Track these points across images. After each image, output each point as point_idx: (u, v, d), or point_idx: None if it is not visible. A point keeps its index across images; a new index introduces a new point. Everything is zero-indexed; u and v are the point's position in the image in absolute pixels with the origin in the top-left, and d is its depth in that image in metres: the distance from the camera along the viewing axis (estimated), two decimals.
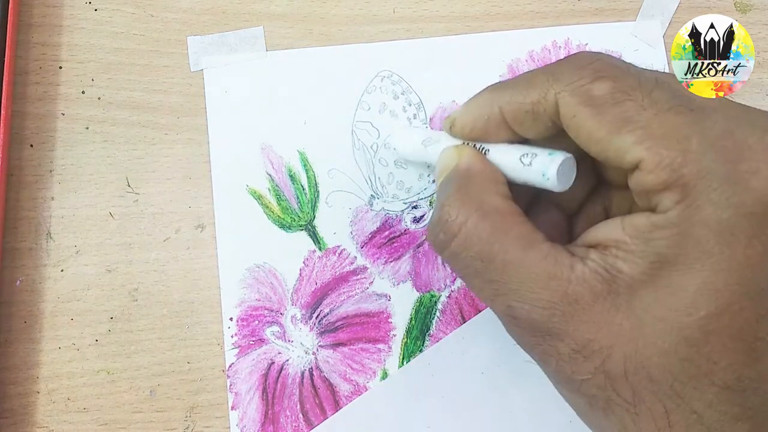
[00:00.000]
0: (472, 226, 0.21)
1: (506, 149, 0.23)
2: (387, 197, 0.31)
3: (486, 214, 0.21)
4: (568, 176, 0.22)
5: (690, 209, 0.18)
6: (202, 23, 0.32)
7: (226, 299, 0.30)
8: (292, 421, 0.29)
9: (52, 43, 0.32)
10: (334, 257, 0.31)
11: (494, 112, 0.23)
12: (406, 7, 0.33)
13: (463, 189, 0.22)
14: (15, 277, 0.30)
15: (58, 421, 0.29)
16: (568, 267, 0.20)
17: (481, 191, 0.22)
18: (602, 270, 0.19)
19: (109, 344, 0.30)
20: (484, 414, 0.30)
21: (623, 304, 0.19)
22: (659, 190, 0.19)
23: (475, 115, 0.24)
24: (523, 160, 0.22)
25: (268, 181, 0.31)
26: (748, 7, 0.33)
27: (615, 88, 0.20)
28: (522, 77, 0.23)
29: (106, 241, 0.31)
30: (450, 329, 0.30)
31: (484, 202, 0.22)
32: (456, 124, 0.24)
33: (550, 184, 0.22)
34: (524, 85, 0.22)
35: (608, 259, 0.19)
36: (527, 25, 0.33)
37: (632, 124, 0.19)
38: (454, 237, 0.21)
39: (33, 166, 0.31)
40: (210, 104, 0.32)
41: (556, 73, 0.21)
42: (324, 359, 0.30)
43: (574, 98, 0.20)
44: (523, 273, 0.20)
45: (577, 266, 0.20)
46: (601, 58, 0.21)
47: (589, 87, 0.20)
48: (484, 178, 0.23)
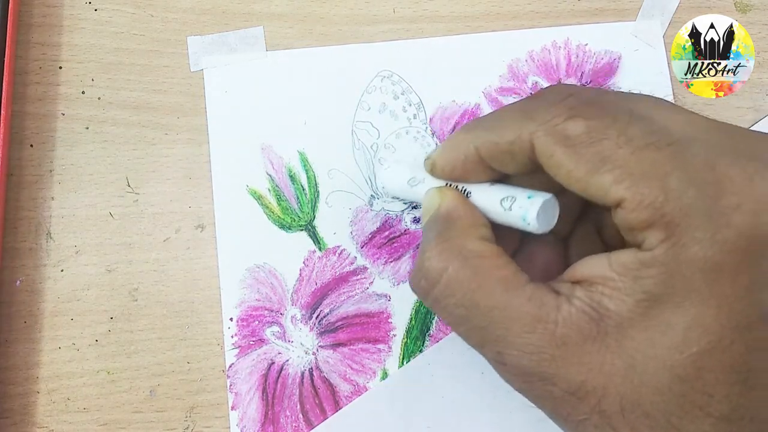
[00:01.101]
0: (453, 272, 0.21)
1: (487, 191, 0.23)
2: (387, 197, 0.31)
3: (466, 260, 0.21)
4: (550, 217, 0.22)
5: (676, 248, 0.18)
6: (202, 23, 0.32)
7: (226, 299, 0.30)
8: (292, 421, 0.29)
9: (52, 43, 0.32)
10: (334, 257, 0.31)
11: (471, 152, 0.23)
12: (406, 7, 0.33)
13: (444, 234, 0.22)
14: (15, 277, 0.30)
15: (58, 421, 0.29)
16: (554, 308, 0.19)
17: (461, 236, 0.22)
18: (589, 309, 0.19)
19: (109, 344, 0.30)
20: (484, 414, 0.30)
21: (613, 343, 0.19)
22: (643, 228, 0.19)
23: (453, 156, 0.23)
24: (503, 204, 0.22)
25: (268, 181, 0.31)
26: (748, 7, 0.33)
27: (589, 127, 0.20)
28: (495, 115, 0.23)
29: (106, 241, 0.31)
30: (450, 329, 0.30)
31: (465, 247, 0.21)
32: (436, 165, 0.24)
33: (531, 227, 0.22)
34: (498, 125, 0.22)
35: (594, 296, 0.19)
36: (527, 25, 0.33)
37: (610, 163, 0.19)
38: (436, 284, 0.21)
39: (33, 166, 0.31)
40: (210, 104, 0.32)
41: (529, 111, 0.21)
42: (324, 359, 0.30)
43: (549, 138, 0.20)
44: (509, 318, 0.20)
45: (563, 306, 0.19)
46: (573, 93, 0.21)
47: (563, 126, 0.20)
48: (464, 223, 0.22)
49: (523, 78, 0.32)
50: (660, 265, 0.18)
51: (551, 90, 0.22)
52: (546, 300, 0.20)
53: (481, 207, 0.23)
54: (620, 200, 0.19)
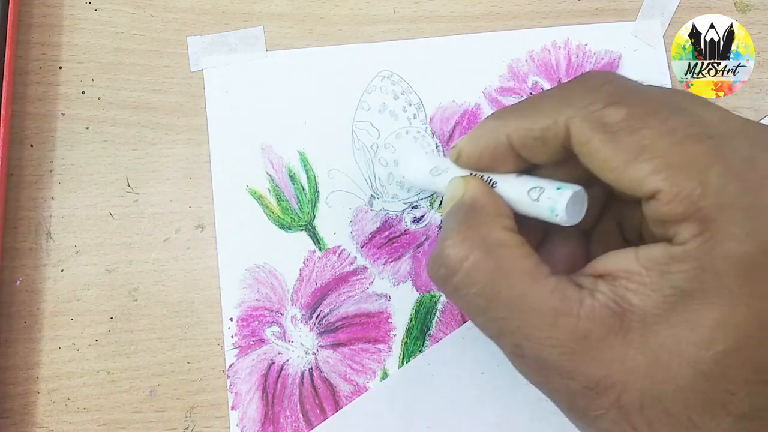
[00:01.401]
0: (474, 261, 0.20)
1: (514, 182, 0.23)
2: (387, 197, 0.31)
3: (489, 249, 0.20)
4: (579, 209, 0.22)
5: (710, 242, 0.18)
6: (202, 23, 0.32)
7: (226, 299, 0.30)
8: (292, 421, 0.29)
9: (52, 43, 0.32)
10: (334, 257, 0.31)
11: (501, 140, 0.22)
12: (406, 7, 0.33)
13: (467, 223, 0.22)
14: (15, 277, 0.30)
15: (58, 421, 0.29)
16: (576, 302, 0.19)
17: (484, 225, 0.21)
18: (612, 303, 0.19)
19: (109, 344, 0.30)
20: (484, 414, 0.30)
21: (636, 338, 0.18)
22: (677, 221, 0.18)
23: (481, 144, 0.23)
24: (531, 194, 0.22)
25: (268, 181, 0.31)
26: (748, 7, 0.33)
27: (630, 114, 0.19)
28: (529, 102, 0.22)
29: (106, 241, 0.31)
30: (450, 329, 0.30)
31: (488, 236, 0.21)
32: (462, 154, 0.24)
33: (559, 219, 0.21)
34: (532, 110, 0.21)
35: (618, 290, 0.19)
36: (527, 25, 0.33)
37: (649, 153, 0.19)
38: (455, 273, 0.21)
39: (33, 166, 0.31)
40: (210, 104, 0.32)
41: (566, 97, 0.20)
42: (324, 359, 0.30)
43: (587, 124, 0.20)
44: (530, 309, 0.19)
45: (586, 300, 0.19)
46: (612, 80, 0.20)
47: (602, 113, 0.19)
48: (488, 212, 0.22)
49: (523, 78, 0.32)
50: (692, 260, 0.18)
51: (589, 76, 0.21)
52: (569, 293, 0.19)
53: (506, 198, 0.23)
54: (656, 191, 0.18)
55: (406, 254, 0.31)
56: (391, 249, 0.31)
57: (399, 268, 0.31)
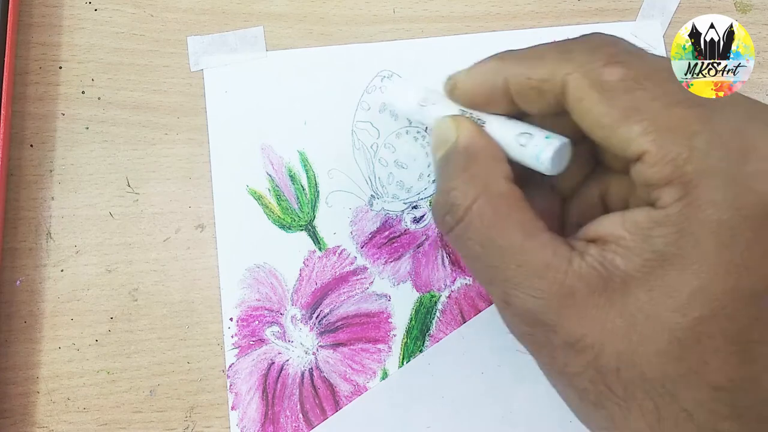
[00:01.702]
0: (476, 210, 0.21)
1: (504, 124, 0.23)
2: (387, 197, 0.31)
3: (490, 198, 0.21)
4: (562, 161, 0.22)
5: (690, 207, 0.18)
6: (202, 23, 0.32)
7: (226, 299, 0.30)
8: (292, 421, 0.29)
9: (52, 43, 0.32)
10: (334, 257, 0.31)
11: (498, 83, 0.22)
12: (406, 7, 0.33)
13: (468, 170, 0.22)
14: (15, 277, 0.30)
15: (58, 421, 0.29)
16: (566, 260, 0.19)
17: (485, 172, 0.22)
18: (599, 265, 0.19)
19: (109, 344, 0.30)
20: (484, 414, 0.30)
21: (618, 300, 0.19)
22: (661, 184, 0.18)
23: (479, 81, 0.23)
24: (519, 139, 0.22)
25: (268, 181, 0.31)
26: (748, 7, 0.33)
27: (627, 75, 0.19)
28: (533, 50, 0.22)
29: (106, 241, 0.31)
30: (450, 329, 0.30)
31: (489, 184, 0.21)
32: (458, 87, 0.24)
33: (543, 167, 0.22)
34: (534, 59, 0.22)
35: (606, 254, 0.19)
36: (527, 25, 0.33)
37: (640, 114, 0.19)
38: (460, 221, 0.21)
39: (33, 166, 0.31)
40: (210, 104, 0.32)
41: (569, 52, 0.21)
42: (324, 359, 0.30)
43: (585, 81, 0.20)
44: (521, 261, 0.20)
45: (575, 260, 0.19)
46: (616, 42, 0.21)
47: (601, 71, 0.20)
48: (487, 158, 0.22)
49: None
50: (672, 224, 0.18)
51: (592, 36, 0.21)
52: (560, 251, 0.20)
53: (494, 139, 0.23)
54: (643, 153, 0.19)
55: (406, 254, 0.31)
56: (391, 249, 0.31)
57: (399, 268, 0.31)
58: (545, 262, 0.20)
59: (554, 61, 0.21)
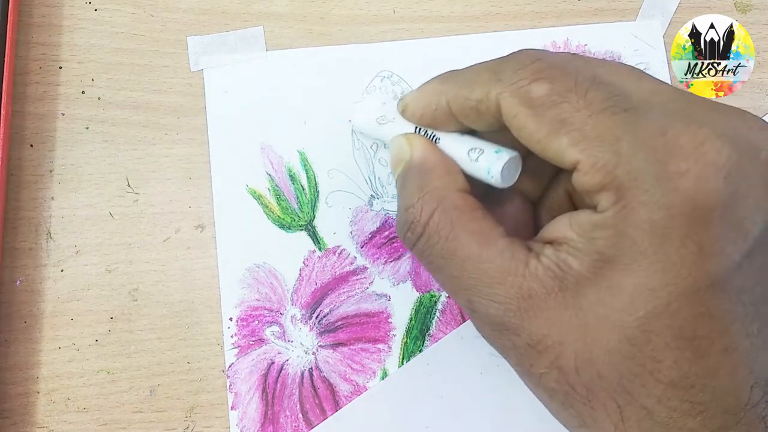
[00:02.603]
0: (433, 224, 0.22)
1: (456, 140, 0.24)
2: (387, 197, 0.31)
3: (445, 212, 0.22)
4: (513, 174, 0.23)
5: (625, 210, 0.18)
6: (202, 23, 0.32)
7: (225, 299, 0.30)
8: (291, 421, 0.29)
9: (52, 43, 0.32)
10: (334, 257, 0.31)
11: (442, 104, 0.23)
12: (406, 7, 0.33)
13: (424, 187, 0.23)
14: (15, 277, 0.30)
15: (58, 421, 0.29)
16: (523, 263, 0.20)
17: (440, 187, 0.22)
18: (554, 266, 0.20)
19: (109, 344, 0.30)
20: (484, 414, 0.30)
21: (571, 300, 0.19)
22: (596, 190, 0.19)
23: (424, 103, 0.24)
24: (470, 154, 0.23)
25: (268, 181, 0.31)
26: (748, 7, 0.33)
27: (552, 90, 0.20)
28: (468, 72, 0.23)
29: (106, 241, 0.31)
30: (450, 329, 0.30)
31: (444, 198, 0.22)
32: (408, 108, 0.25)
33: (494, 181, 0.22)
34: (469, 81, 0.22)
35: (561, 255, 0.20)
36: (527, 25, 0.33)
37: (567, 126, 0.19)
38: (420, 236, 0.22)
39: (33, 166, 0.31)
40: (210, 104, 0.32)
41: (498, 72, 0.21)
42: (324, 359, 0.30)
43: (514, 99, 0.21)
44: (480, 269, 0.21)
45: (531, 262, 0.20)
46: (541, 57, 0.21)
47: (528, 88, 0.20)
48: (441, 173, 0.23)
49: None
50: (610, 227, 0.19)
51: (520, 53, 0.22)
52: (517, 255, 0.20)
53: (447, 154, 0.24)
54: (575, 162, 0.19)
55: (406, 254, 0.31)
56: (391, 249, 0.31)
57: (399, 268, 0.31)
58: (503, 268, 0.20)
59: (487, 82, 0.22)
